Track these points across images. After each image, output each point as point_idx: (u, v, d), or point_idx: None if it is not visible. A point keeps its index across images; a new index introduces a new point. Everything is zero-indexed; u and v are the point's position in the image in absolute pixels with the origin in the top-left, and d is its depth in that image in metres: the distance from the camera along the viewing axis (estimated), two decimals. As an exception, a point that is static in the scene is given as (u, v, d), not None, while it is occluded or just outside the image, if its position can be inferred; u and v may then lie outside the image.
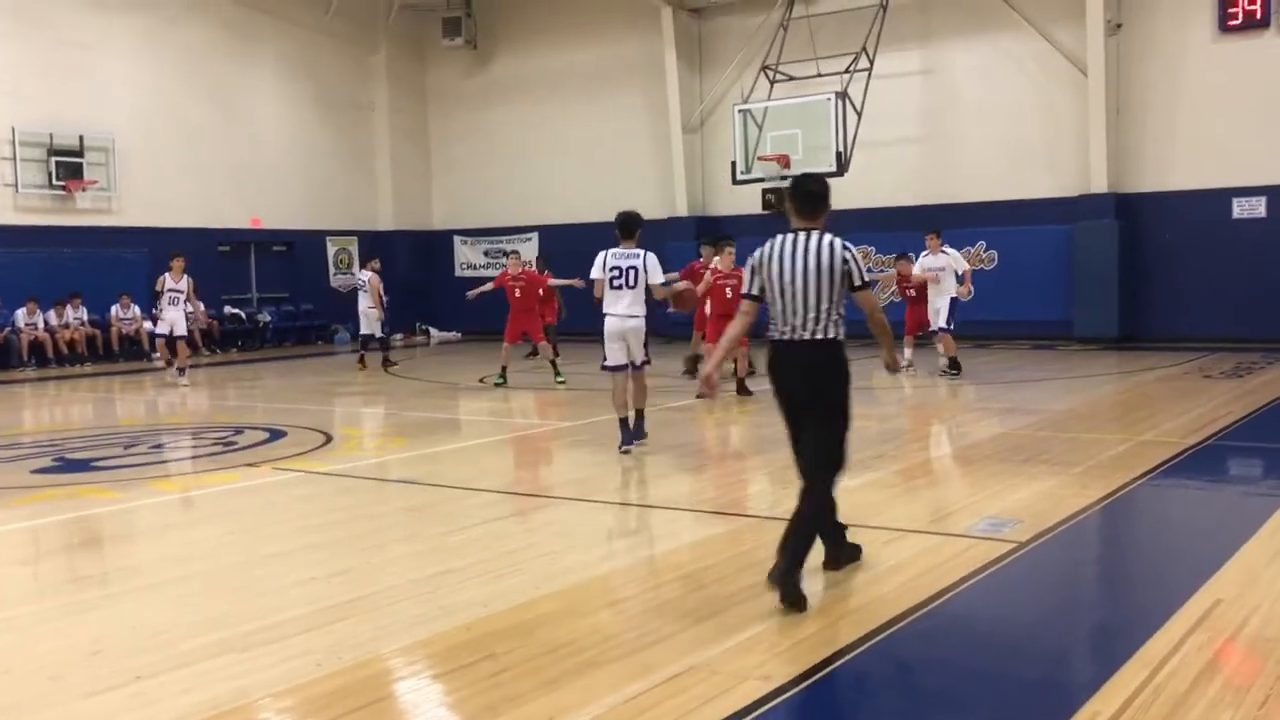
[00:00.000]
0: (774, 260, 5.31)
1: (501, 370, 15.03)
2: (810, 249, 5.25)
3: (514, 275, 15.62)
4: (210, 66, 22.61)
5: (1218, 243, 18.09)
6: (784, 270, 5.25)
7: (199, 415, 13.29)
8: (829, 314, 5.21)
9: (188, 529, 7.18)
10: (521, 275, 15.69)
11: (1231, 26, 17.88)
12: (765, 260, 5.35)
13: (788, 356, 5.31)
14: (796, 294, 5.22)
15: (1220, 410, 10.77)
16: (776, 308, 5.30)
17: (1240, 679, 4.03)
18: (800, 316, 5.22)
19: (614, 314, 9.28)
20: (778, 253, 5.31)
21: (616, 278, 9.29)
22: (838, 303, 5.25)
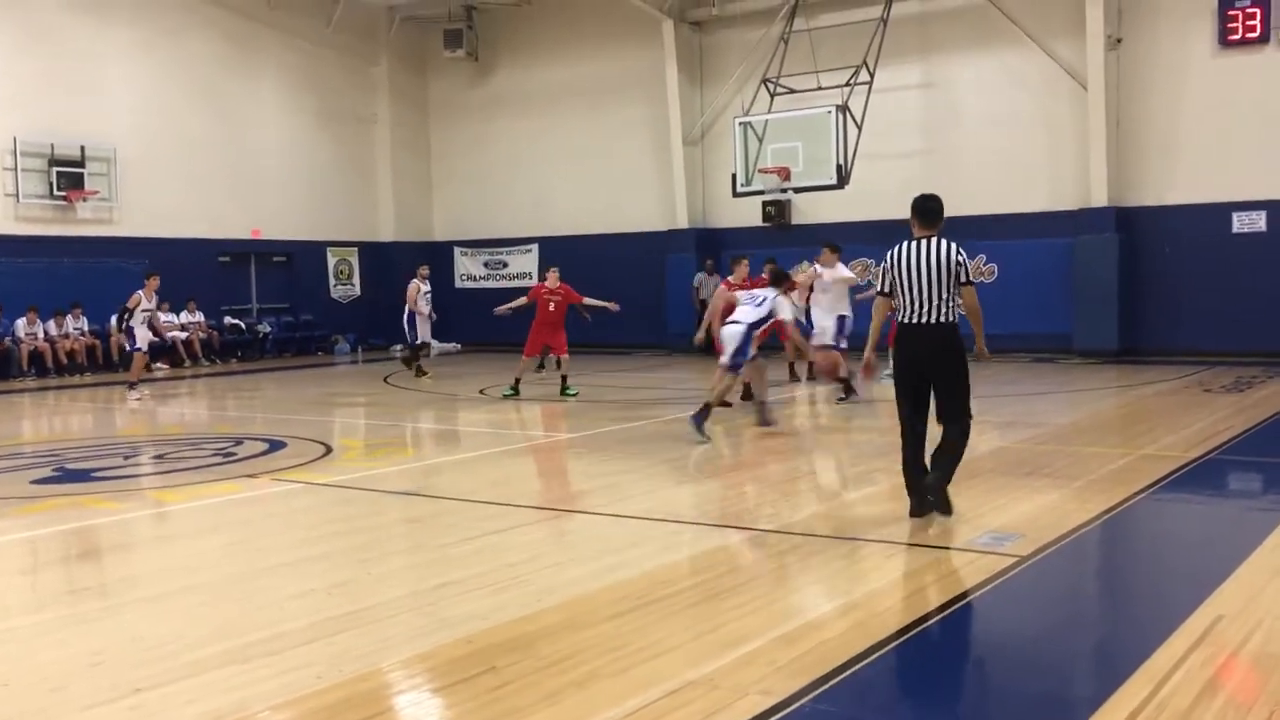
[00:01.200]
0: (903, 261, 6.74)
1: (515, 382, 14.91)
2: (932, 251, 6.68)
3: (551, 288, 15.31)
4: (212, 77, 22.66)
5: (1217, 257, 18.11)
6: (912, 269, 6.67)
7: (199, 426, 13.28)
8: (948, 302, 6.65)
9: (188, 540, 7.17)
10: (559, 289, 15.34)
11: (1231, 42, 17.93)
12: (895, 262, 6.77)
13: (917, 336, 6.72)
14: (923, 288, 6.64)
15: (1221, 424, 10.76)
16: (906, 299, 6.71)
17: (1243, 696, 4.02)
18: (927, 305, 6.65)
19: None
20: (906, 255, 6.74)
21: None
22: (954, 293, 6.66)
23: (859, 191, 18.86)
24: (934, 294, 6.65)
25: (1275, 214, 17.78)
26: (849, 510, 7.60)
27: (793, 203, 21.62)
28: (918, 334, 6.73)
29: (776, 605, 5.31)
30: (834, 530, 6.89)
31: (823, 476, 9.27)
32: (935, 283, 6.64)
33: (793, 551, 6.38)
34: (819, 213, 21.17)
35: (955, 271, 6.65)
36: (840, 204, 20.02)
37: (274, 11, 23.59)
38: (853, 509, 7.62)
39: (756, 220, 22.06)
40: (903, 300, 6.76)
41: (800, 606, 5.39)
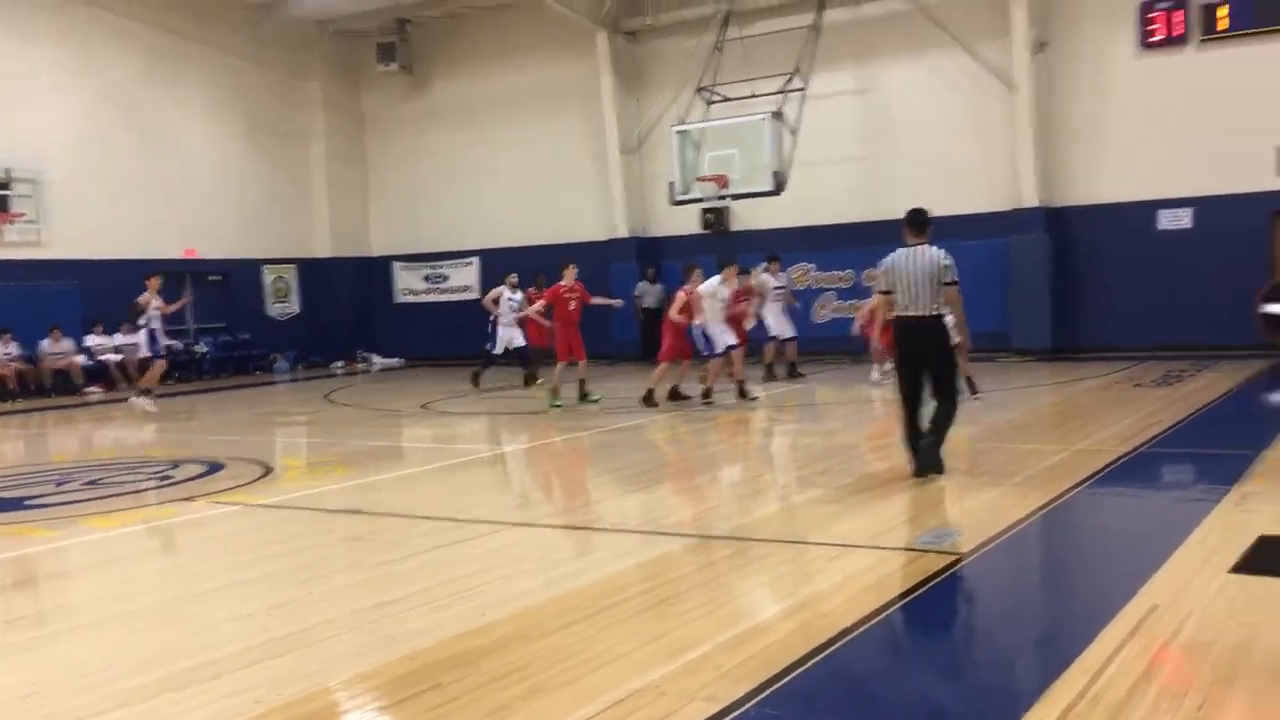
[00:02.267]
0: (897, 265, 8.00)
1: (553, 392, 14.34)
2: (921, 256, 7.92)
3: (569, 287, 14.65)
4: (140, 96, 22.29)
5: (1145, 254, 18.51)
6: (904, 271, 7.94)
7: (134, 449, 13.05)
8: (935, 299, 7.87)
9: (124, 566, 7.03)
10: (575, 287, 14.73)
11: (1152, 43, 18.36)
12: (891, 265, 8.05)
13: (911, 328, 8.00)
14: (914, 286, 7.87)
15: (1151, 418, 11.00)
16: (901, 296, 7.96)
17: (1176, 684, 4.10)
18: (917, 302, 7.88)
19: None
20: (901, 260, 8.00)
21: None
22: (939, 292, 7.85)
23: (797, 198, 19.04)
24: (923, 292, 7.88)
25: (1200, 211, 18.21)
26: (794, 514, 7.65)
27: (731, 210, 21.74)
28: (911, 326, 8.00)
29: (723, 610, 5.34)
30: (779, 534, 6.94)
31: (767, 481, 9.32)
32: (923, 283, 7.86)
33: (738, 556, 6.41)
34: (758, 219, 21.32)
35: (937, 273, 7.84)
36: (778, 210, 20.18)
37: (202, 27, 23.27)
38: (798, 512, 7.67)
39: (696, 228, 22.16)
40: (898, 297, 8.01)
41: (746, 611, 5.42)
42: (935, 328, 7.96)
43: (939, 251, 7.94)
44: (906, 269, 7.96)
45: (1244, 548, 5.89)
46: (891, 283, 8.07)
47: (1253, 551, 5.83)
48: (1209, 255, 18.00)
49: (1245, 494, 7.25)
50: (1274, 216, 17.80)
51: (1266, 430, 10.42)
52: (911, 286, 7.94)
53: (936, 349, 8.06)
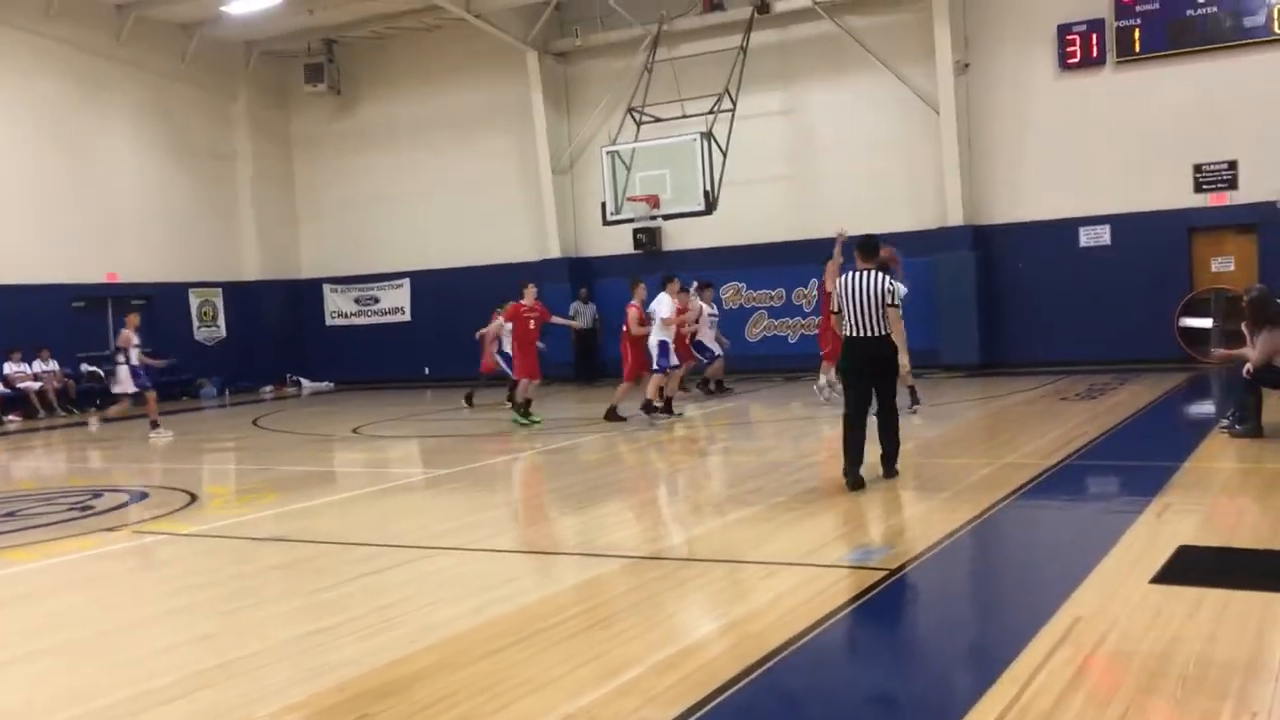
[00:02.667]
0: (847, 288, 8.62)
1: (525, 405, 14.48)
2: (868, 280, 8.56)
3: (529, 306, 14.82)
4: (62, 117, 21.82)
5: (1067, 270, 18.92)
6: (853, 293, 8.55)
7: (54, 479, 12.72)
8: (879, 320, 8.50)
9: (42, 600, 6.83)
10: (535, 306, 14.95)
11: (1071, 64, 18.82)
12: (843, 288, 8.69)
13: (859, 346, 8.60)
14: (861, 308, 8.50)
15: (1076, 431, 11.21)
16: (850, 317, 8.55)
17: (1102, 693, 4.17)
18: (865, 322, 8.50)
19: None
20: (850, 282, 8.62)
21: None
22: (884, 313, 8.49)
23: (727, 217, 19.18)
24: (869, 313, 8.50)
25: (1119, 228, 18.67)
26: (727, 532, 7.67)
27: (663, 229, 21.85)
28: (860, 344, 8.61)
29: (654, 632, 5.32)
30: (713, 553, 6.95)
31: (701, 500, 9.33)
32: (869, 304, 8.49)
33: (670, 576, 6.40)
34: (689, 239, 21.45)
35: (882, 296, 8.49)
36: (710, 230, 20.31)
37: (125, 48, 22.86)
38: (726, 532, 7.69)
39: (628, 248, 22.22)
40: (848, 318, 8.61)
41: (678, 631, 5.41)
42: (880, 345, 8.56)
43: (883, 277, 8.62)
44: (854, 291, 8.57)
45: (1165, 558, 6.02)
46: (841, 304, 8.68)
47: (1173, 561, 5.96)
48: (1129, 271, 18.45)
49: (1166, 505, 7.41)
50: (1190, 233, 18.31)
51: (1186, 442, 10.68)
52: (860, 308, 8.52)
53: (882, 365, 8.65)
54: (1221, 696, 4.04)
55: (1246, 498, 7.82)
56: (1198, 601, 5.19)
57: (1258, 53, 17.60)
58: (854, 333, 8.61)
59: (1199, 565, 5.93)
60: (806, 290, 20.63)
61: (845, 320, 8.66)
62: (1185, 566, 5.88)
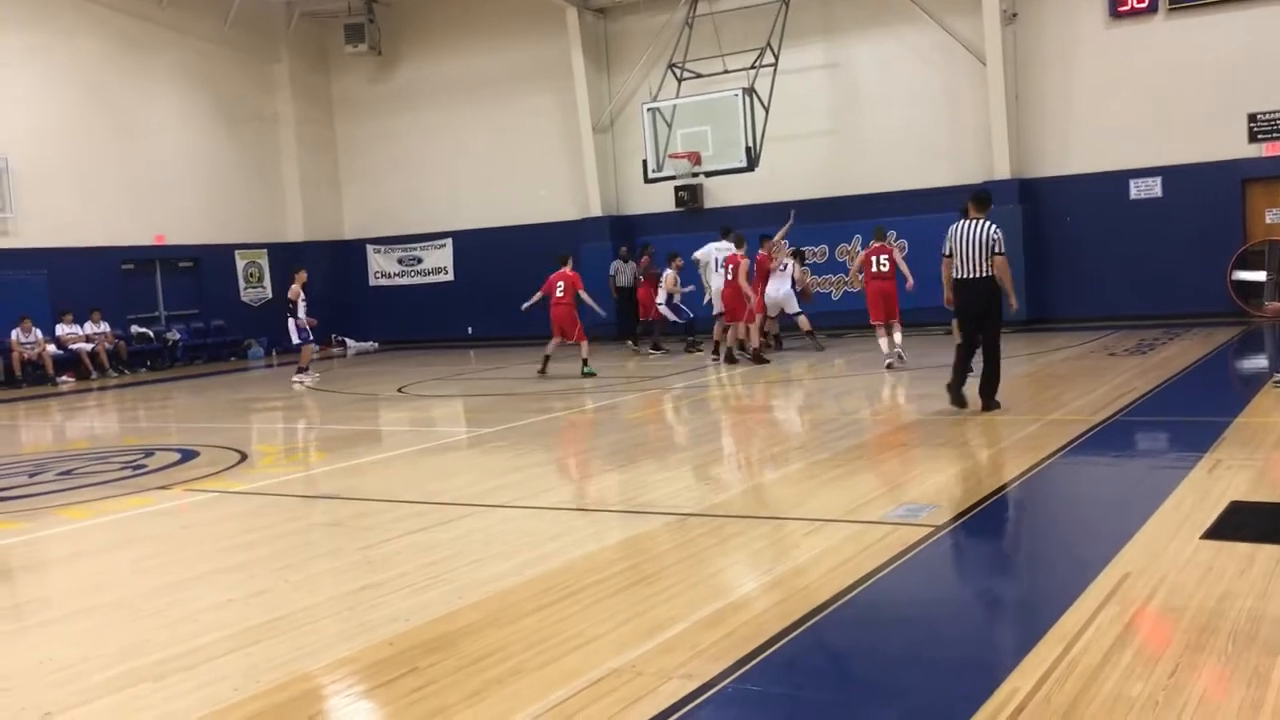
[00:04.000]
0: (958, 235, 9.62)
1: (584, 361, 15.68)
2: (978, 229, 9.56)
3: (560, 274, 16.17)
4: (107, 81, 22.03)
5: (1117, 223, 18.61)
6: (964, 240, 9.58)
7: (107, 439, 12.95)
8: (986, 264, 9.52)
9: (98, 557, 6.98)
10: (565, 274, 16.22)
11: (1121, 13, 18.40)
12: (954, 234, 9.65)
13: (968, 286, 9.62)
14: (971, 253, 9.53)
15: (1125, 386, 11.07)
16: (959, 260, 9.58)
17: (1150, 650, 4.14)
18: (973, 266, 9.52)
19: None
20: (961, 230, 9.63)
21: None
22: (989, 258, 9.49)
23: (769, 173, 19.04)
24: (976, 258, 9.48)
25: (1170, 180, 18.32)
26: (768, 490, 7.66)
27: (705, 187, 21.72)
28: (967, 285, 9.62)
29: (699, 588, 5.34)
30: (754, 510, 6.95)
31: (741, 458, 9.33)
32: (976, 250, 9.48)
33: (714, 533, 6.41)
34: (731, 196, 21.30)
35: (989, 244, 9.45)
36: (751, 186, 20.18)
37: (167, 11, 23.00)
38: (770, 489, 7.68)
39: (670, 205, 22.13)
40: (958, 262, 9.60)
41: (722, 588, 5.42)
42: (986, 287, 9.55)
43: (992, 226, 9.57)
44: (964, 238, 9.56)
45: (1216, 514, 5.94)
46: (952, 248, 9.66)
47: (1224, 517, 5.88)
48: (1180, 224, 18.12)
49: (1217, 460, 7.30)
50: (1244, 184, 17.92)
51: (1238, 397, 10.53)
52: (968, 253, 9.52)
53: (986, 305, 9.63)
54: (1274, 653, 3.99)
55: (1300, 453, 7.68)
56: (1250, 557, 5.12)
57: (1316, -3, 17.11)
58: (962, 274, 9.60)
59: (1251, 521, 5.85)
60: (850, 246, 20.44)
61: (955, 264, 9.63)
62: (1237, 522, 5.80)
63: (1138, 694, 3.71)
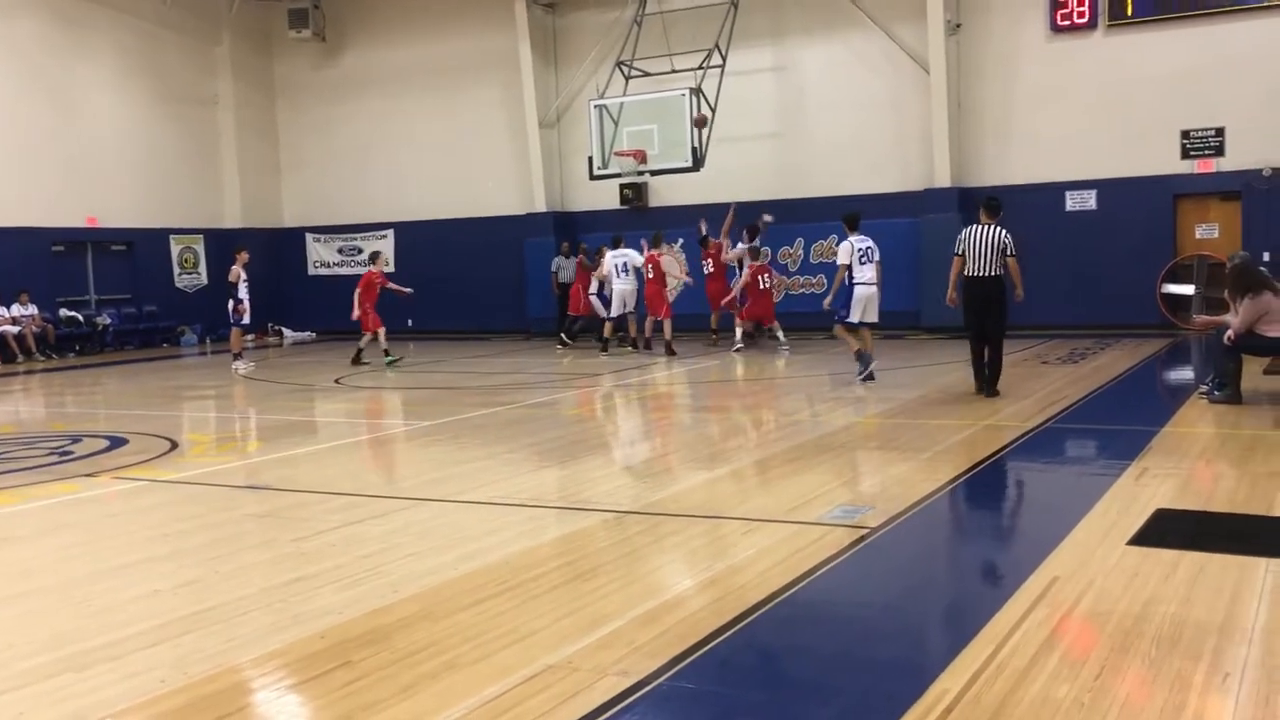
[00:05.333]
0: (972, 237, 10.84)
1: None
2: (990, 233, 10.80)
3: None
4: (43, 60, 21.51)
5: (1052, 234, 18.92)
6: (977, 242, 10.79)
7: (34, 424, 12.65)
8: (995, 264, 10.77)
9: (23, 544, 6.81)
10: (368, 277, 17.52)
11: (1062, 27, 18.73)
12: (967, 236, 10.88)
13: (977, 284, 10.82)
14: (983, 254, 10.75)
15: (1057, 394, 11.27)
16: (971, 260, 10.79)
17: (1076, 653, 4.22)
18: (983, 265, 10.74)
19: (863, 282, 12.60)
20: (975, 233, 10.84)
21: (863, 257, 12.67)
22: (1002, 260, 10.78)
23: (715, 173, 19.10)
24: (988, 259, 10.72)
25: (1105, 193, 18.68)
26: (707, 489, 7.70)
27: (650, 185, 21.74)
28: (976, 282, 10.81)
29: (636, 585, 5.35)
30: (692, 509, 6.98)
31: (681, 456, 9.35)
32: (989, 252, 10.72)
33: (651, 531, 6.43)
34: (676, 195, 21.35)
35: (1003, 248, 10.74)
36: (697, 186, 20.23)
37: (107, -11, 22.52)
38: (709, 488, 7.72)
39: (614, 203, 22.12)
40: (970, 261, 10.76)
41: (659, 586, 5.43)
42: (995, 285, 10.78)
43: (1004, 231, 10.78)
44: (978, 241, 10.76)
45: (1142, 521, 6.07)
46: (964, 250, 10.79)
47: (1150, 524, 6.02)
48: (1114, 236, 18.48)
49: (1144, 469, 7.47)
50: (1176, 199, 18.33)
51: (1165, 408, 10.77)
52: (980, 254, 10.72)
53: (994, 300, 10.82)
54: (1195, 657, 4.09)
55: (1224, 463, 7.88)
56: (1174, 564, 5.24)
57: (1249, 19, 17.55)
58: (974, 273, 10.76)
59: (1176, 528, 5.99)
60: (792, 249, 20.59)
61: (967, 263, 10.78)
62: (1162, 529, 5.93)
63: (1064, 695, 3.79)
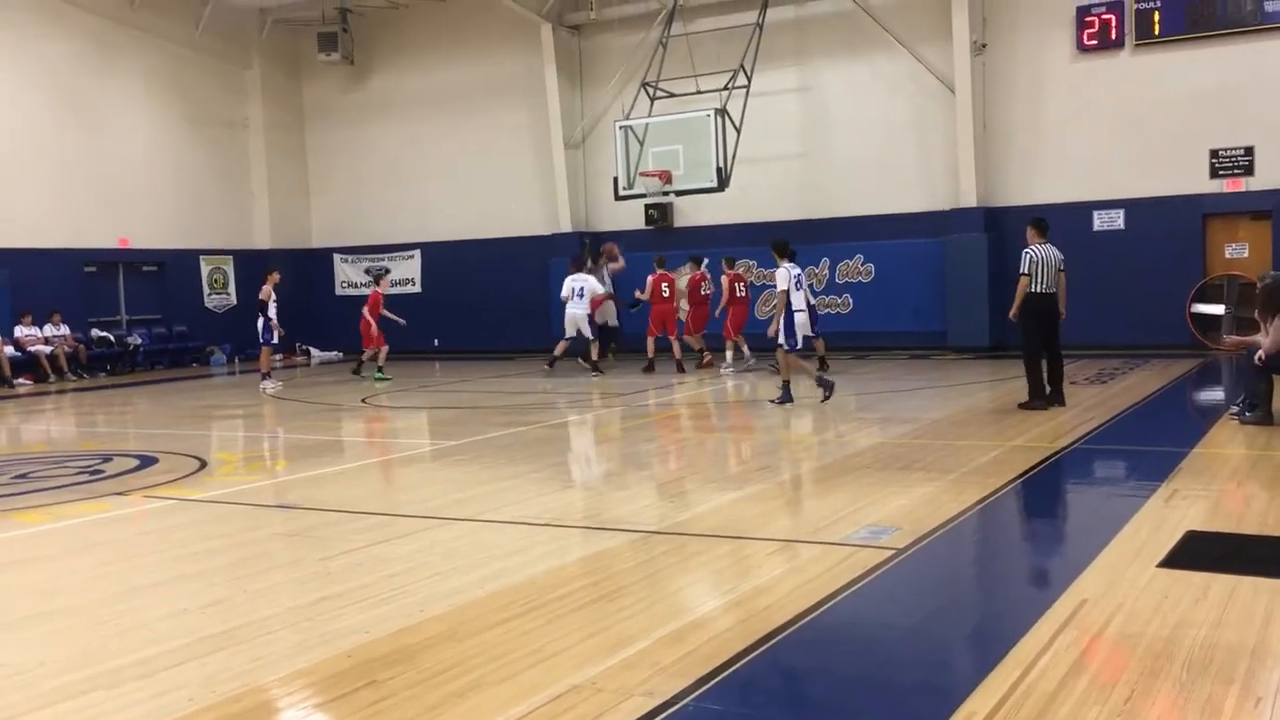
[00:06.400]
0: (1040, 256, 11.44)
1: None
2: (1052, 251, 11.52)
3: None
4: (76, 83, 21.82)
5: (1080, 254, 18.70)
6: (1043, 261, 11.43)
7: (65, 443, 12.78)
8: (1055, 280, 11.49)
9: (53, 562, 6.88)
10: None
11: (1089, 47, 18.68)
12: (1037, 256, 11.44)
13: (1042, 299, 11.48)
14: (1048, 271, 11.42)
15: (1085, 415, 11.20)
16: (1038, 278, 11.42)
17: (1106, 676, 4.18)
18: (1047, 282, 11.42)
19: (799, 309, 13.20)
20: (1041, 252, 11.47)
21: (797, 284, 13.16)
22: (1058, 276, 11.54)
23: (739, 194, 19.14)
24: (1053, 276, 11.43)
25: (1133, 212, 18.58)
26: (731, 509, 7.69)
27: (675, 205, 21.80)
28: (1041, 298, 11.46)
29: (661, 606, 5.34)
30: (717, 529, 6.97)
31: (705, 476, 9.34)
32: (1052, 269, 11.43)
33: (676, 551, 6.42)
34: (701, 215, 21.39)
35: (1059, 264, 11.48)
36: (722, 206, 20.28)
37: (139, 13, 22.82)
38: (734, 508, 7.71)
39: (640, 223, 22.17)
40: (1037, 278, 11.40)
41: (684, 606, 5.43)
42: (1054, 300, 11.56)
43: (1052, 249, 11.55)
44: (1044, 259, 11.40)
45: (1172, 543, 6.02)
46: (1032, 270, 11.40)
47: (1180, 546, 5.96)
48: (1142, 256, 18.37)
49: (1174, 490, 7.40)
50: (1205, 219, 18.21)
51: (1195, 428, 10.67)
52: (1046, 271, 11.39)
53: (1055, 314, 11.61)
54: (1227, 681, 4.05)
55: (1255, 484, 7.80)
56: (1205, 586, 5.19)
57: (1277, 38, 17.44)
58: (1041, 289, 11.41)
59: (1207, 550, 5.93)
60: (817, 269, 20.57)
61: (1034, 280, 11.39)
62: (1193, 552, 5.88)
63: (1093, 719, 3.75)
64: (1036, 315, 11.54)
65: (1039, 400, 11.59)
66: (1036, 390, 11.62)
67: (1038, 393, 11.62)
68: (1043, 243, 11.52)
